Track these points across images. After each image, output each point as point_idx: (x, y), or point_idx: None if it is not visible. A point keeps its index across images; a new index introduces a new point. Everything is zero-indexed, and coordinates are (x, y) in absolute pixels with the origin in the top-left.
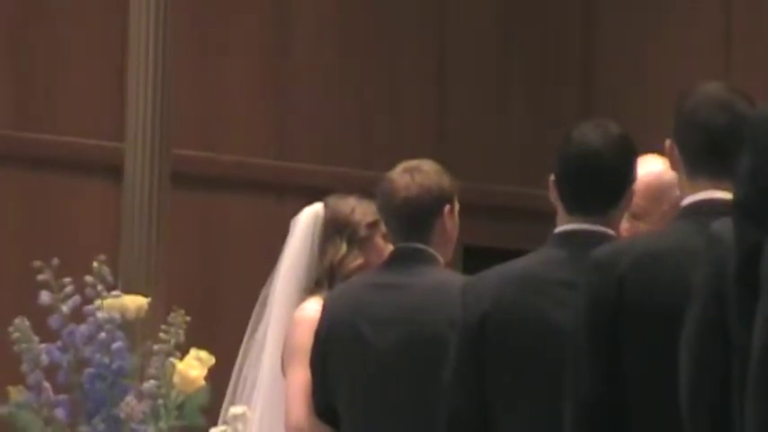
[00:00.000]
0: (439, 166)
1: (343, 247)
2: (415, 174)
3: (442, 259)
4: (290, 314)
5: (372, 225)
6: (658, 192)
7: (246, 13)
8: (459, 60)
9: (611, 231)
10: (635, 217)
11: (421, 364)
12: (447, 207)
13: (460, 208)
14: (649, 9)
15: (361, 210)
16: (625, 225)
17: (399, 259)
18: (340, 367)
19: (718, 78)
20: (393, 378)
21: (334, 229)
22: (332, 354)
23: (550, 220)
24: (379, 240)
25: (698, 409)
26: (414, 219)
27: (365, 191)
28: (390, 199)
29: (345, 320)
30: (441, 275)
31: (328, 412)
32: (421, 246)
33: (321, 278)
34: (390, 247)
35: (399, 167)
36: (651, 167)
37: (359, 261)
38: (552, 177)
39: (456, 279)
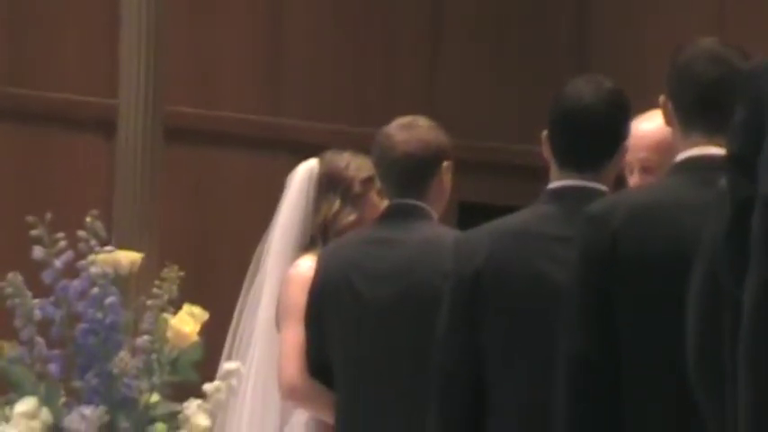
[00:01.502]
0: (433, 123)
1: (337, 204)
2: (413, 129)
3: (435, 215)
4: (284, 271)
5: (367, 181)
6: (670, 146)
7: None
8: (455, 15)
9: (603, 187)
10: (646, 171)
11: (415, 318)
12: (445, 163)
13: (456, 164)
14: None
15: (355, 165)
16: (635, 180)
17: (394, 215)
18: (334, 324)
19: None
20: (388, 332)
21: (328, 185)
22: (326, 310)
23: (546, 176)
24: (373, 196)
25: (704, 365)
26: (412, 174)
27: (360, 147)
28: (388, 153)
29: (339, 277)
30: (435, 231)
31: (322, 370)
32: (416, 202)
33: (315, 235)
34: (385, 203)
35: (395, 123)
36: (659, 122)
37: (352, 217)
38: (545, 133)
39: (450, 234)
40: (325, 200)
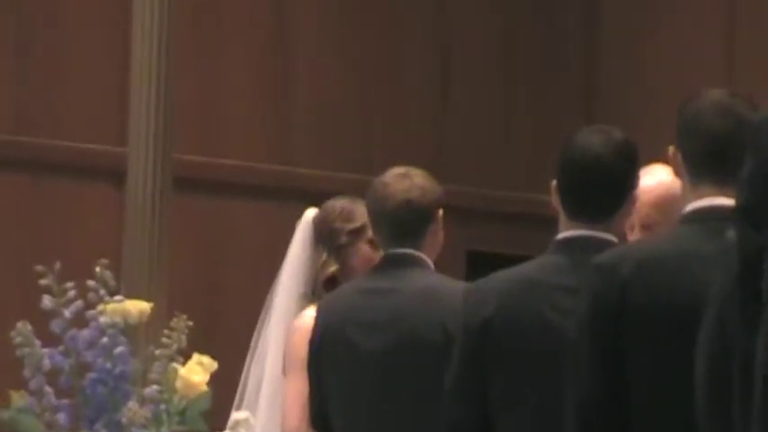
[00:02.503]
0: (425, 172)
1: (324, 255)
2: (407, 179)
3: (431, 264)
4: (290, 321)
5: (355, 232)
6: (670, 202)
7: (248, 21)
8: (463, 67)
9: (612, 237)
10: (645, 227)
11: (411, 368)
12: (440, 211)
13: (463, 213)
14: (650, 8)
15: (345, 215)
16: (636, 235)
17: (390, 264)
18: (332, 374)
19: (721, 78)
20: (382, 382)
21: (319, 235)
22: (324, 361)
23: (554, 226)
24: (362, 246)
25: (713, 415)
26: (409, 223)
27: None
28: (386, 202)
29: (336, 327)
30: (431, 279)
31: (322, 421)
32: (411, 251)
33: (313, 286)
34: (379, 253)
35: (391, 172)
36: (661, 177)
37: (332, 269)
38: (554, 183)
39: (447, 283)
40: (316, 251)
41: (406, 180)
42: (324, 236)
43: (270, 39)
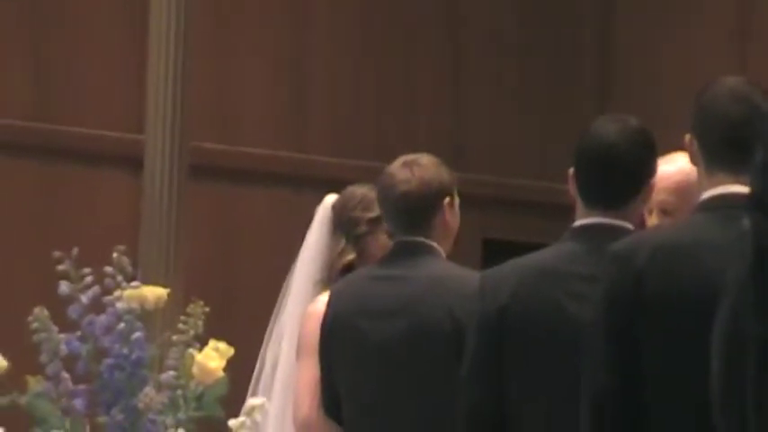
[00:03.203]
0: (437, 159)
1: (342, 243)
2: (414, 167)
3: (443, 251)
4: (305, 307)
5: (374, 221)
6: (688, 188)
7: (265, 8)
8: (478, 54)
9: (629, 225)
10: (665, 213)
11: (418, 355)
12: (447, 200)
13: (479, 202)
14: (664, 7)
15: (365, 204)
16: (654, 221)
17: (400, 252)
18: (342, 360)
19: (735, 68)
20: (392, 369)
21: (337, 223)
22: (334, 347)
23: (570, 214)
24: (381, 236)
25: (728, 405)
26: (413, 213)
27: None
28: (390, 193)
29: (346, 314)
30: (441, 267)
31: (333, 406)
32: (421, 239)
33: (329, 272)
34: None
35: (398, 161)
36: (681, 164)
37: (350, 257)
38: (571, 171)
39: (457, 271)
40: (334, 239)
41: (406, 171)
42: (343, 223)
43: (287, 27)
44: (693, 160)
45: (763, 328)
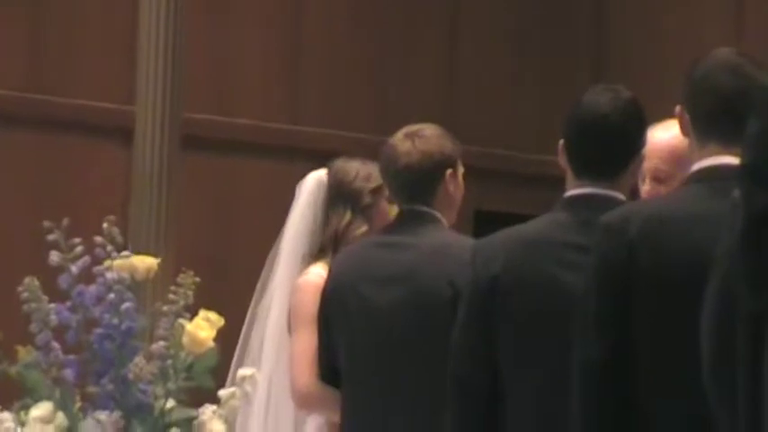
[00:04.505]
0: (441, 130)
1: (347, 215)
2: (416, 139)
3: (445, 221)
4: (294, 279)
5: (376, 191)
6: (682, 155)
7: None
8: (473, 26)
9: (620, 195)
10: (657, 180)
11: (418, 322)
12: (449, 171)
13: (472, 172)
14: None
15: (364, 175)
16: (647, 188)
17: (403, 221)
18: (342, 327)
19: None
20: (392, 335)
21: (337, 196)
22: (334, 314)
23: (563, 185)
24: (383, 205)
25: (718, 375)
26: (416, 184)
27: (377, 155)
28: (392, 165)
29: (348, 281)
30: (443, 236)
31: (332, 374)
32: (425, 208)
33: (326, 245)
34: (395, 209)
35: (401, 132)
36: (675, 131)
37: (363, 228)
38: (561, 142)
39: (458, 240)
40: (335, 211)
41: (407, 142)
42: (345, 196)
43: None
44: (684, 131)
45: (752, 297)
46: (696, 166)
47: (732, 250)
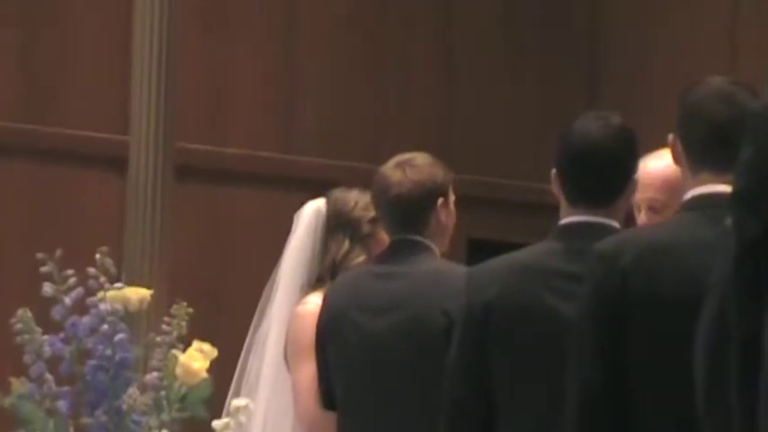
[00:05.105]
0: (432, 159)
1: (346, 244)
2: (407, 168)
3: (437, 250)
4: (292, 308)
5: (375, 220)
6: (677, 185)
7: (253, 8)
8: (468, 55)
9: (614, 223)
10: (653, 211)
11: (411, 350)
12: (440, 200)
13: (465, 201)
14: (653, 6)
15: (362, 205)
16: (642, 218)
17: (395, 250)
18: (337, 356)
19: (724, 64)
20: (386, 364)
21: (336, 225)
22: (330, 343)
23: (556, 213)
24: (382, 234)
25: (712, 401)
26: (407, 213)
27: (371, 184)
28: (383, 194)
29: (341, 310)
30: (435, 264)
31: (329, 401)
32: (417, 237)
33: (324, 274)
34: None
35: (392, 161)
36: (668, 161)
37: (361, 258)
38: (554, 171)
39: (451, 268)
40: (334, 240)
41: (398, 172)
42: (344, 225)
43: (275, 26)
44: (677, 160)
45: (745, 325)
46: (689, 195)
47: (725, 277)
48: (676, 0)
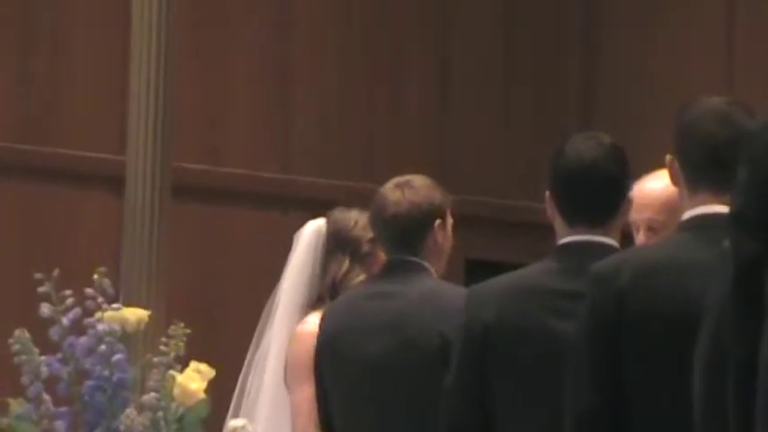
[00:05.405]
0: (430, 181)
1: (346, 263)
2: (406, 189)
3: (434, 271)
4: (291, 329)
5: (374, 240)
6: (675, 205)
7: (249, 28)
8: (462, 76)
9: (612, 242)
10: (652, 231)
11: (409, 371)
12: (438, 222)
13: (462, 221)
14: (650, 9)
15: (362, 224)
16: (641, 238)
17: (391, 270)
18: (334, 377)
19: (721, 78)
20: (382, 386)
21: (336, 244)
22: (327, 365)
23: (553, 233)
24: (381, 254)
25: (710, 422)
26: (404, 234)
27: (369, 204)
28: (381, 214)
29: (338, 331)
30: (431, 284)
31: (327, 423)
32: (413, 258)
33: (323, 293)
34: None
35: (391, 182)
36: (666, 181)
37: (361, 277)
38: (548, 193)
39: (447, 289)
40: (334, 259)
41: (397, 193)
42: (343, 245)
43: (272, 46)
44: (674, 180)
45: (743, 345)
46: (687, 215)
47: (722, 298)
48: (672, 1)
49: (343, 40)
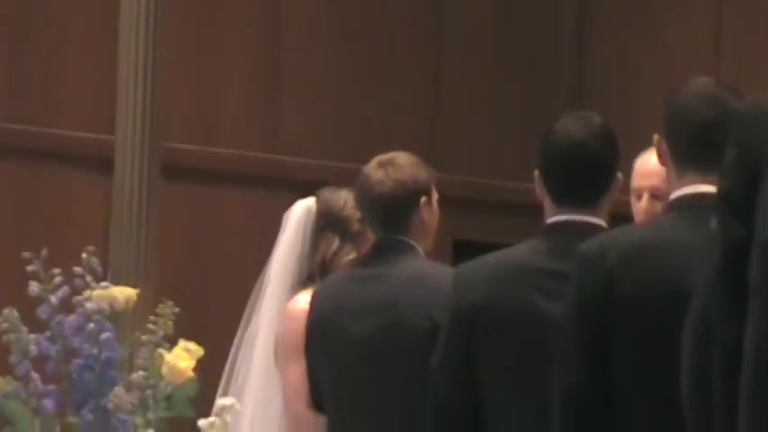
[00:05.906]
0: (414, 158)
1: (336, 242)
2: (389, 168)
3: (421, 250)
4: (281, 308)
5: (363, 219)
6: None
7: (239, 6)
8: (455, 56)
9: (600, 221)
10: (655, 197)
11: (398, 352)
12: (423, 199)
13: (450, 202)
14: (641, 10)
15: (352, 204)
16: (644, 206)
17: (379, 250)
18: (324, 358)
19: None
20: (371, 366)
21: (326, 223)
22: (317, 345)
23: (541, 214)
24: (371, 233)
25: (697, 401)
26: (390, 213)
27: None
28: (366, 194)
29: (327, 312)
30: (419, 265)
31: (320, 402)
32: (400, 237)
33: (313, 272)
34: None
35: (374, 161)
36: None
37: (351, 255)
38: (537, 172)
39: (435, 269)
40: (324, 238)
41: (381, 171)
42: (333, 224)
43: (262, 26)
44: (662, 160)
45: (728, 330)
46: (674, 195)
47: (708, 282)
48: (663, 1)
49: (336, 21)
